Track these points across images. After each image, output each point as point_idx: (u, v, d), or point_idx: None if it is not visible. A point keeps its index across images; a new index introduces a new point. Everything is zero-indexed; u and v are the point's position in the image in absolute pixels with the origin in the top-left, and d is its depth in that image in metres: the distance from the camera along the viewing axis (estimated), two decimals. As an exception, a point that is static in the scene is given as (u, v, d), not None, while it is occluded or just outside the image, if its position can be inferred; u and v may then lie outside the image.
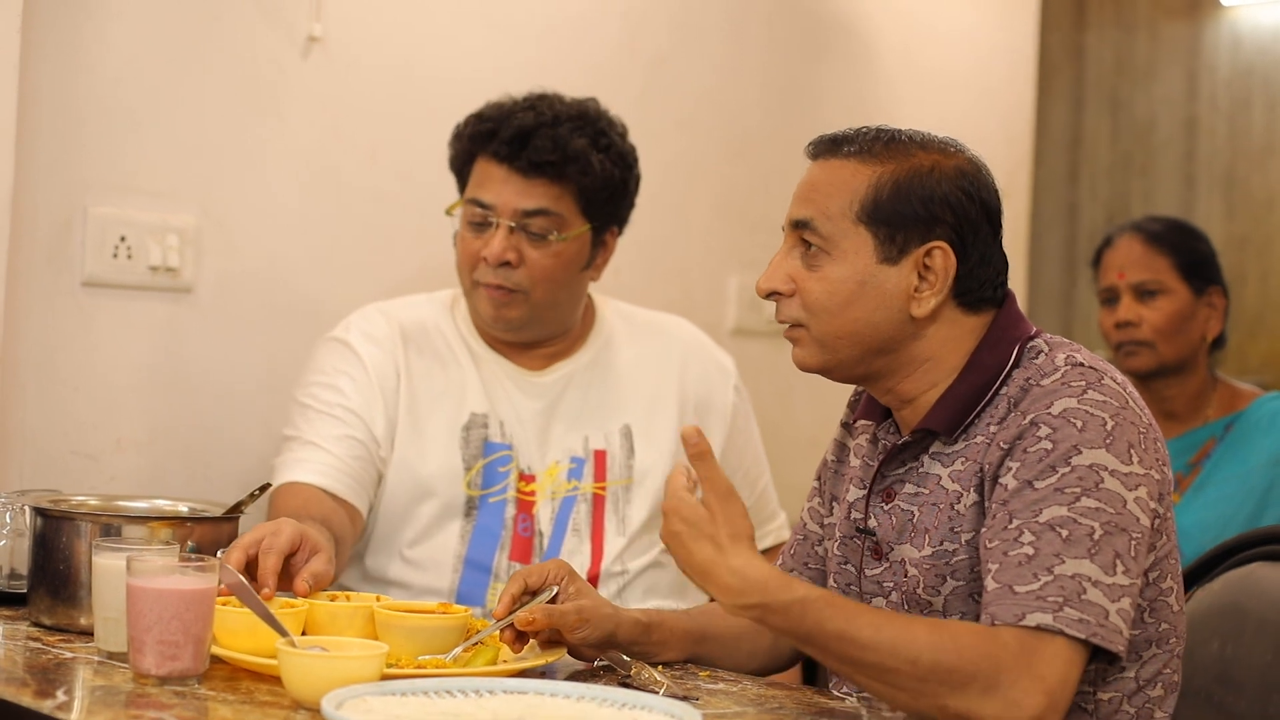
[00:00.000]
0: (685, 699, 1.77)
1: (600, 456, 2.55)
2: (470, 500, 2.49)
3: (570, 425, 2.55)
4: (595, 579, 2.48)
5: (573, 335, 2.60)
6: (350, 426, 2.45)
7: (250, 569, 1.92)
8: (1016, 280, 3.95)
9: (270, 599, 1.88)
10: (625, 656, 1.94)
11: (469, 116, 2.54)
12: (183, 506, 2.19)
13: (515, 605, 1.92)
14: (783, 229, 1.87)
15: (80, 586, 1.98)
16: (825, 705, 1.82)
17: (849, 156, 1.83)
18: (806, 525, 2.05)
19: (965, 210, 1.81)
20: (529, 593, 1.94)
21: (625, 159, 2.54)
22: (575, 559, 2.47)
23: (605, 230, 2.55)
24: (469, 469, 2.49)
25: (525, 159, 2.45)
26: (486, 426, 2.51)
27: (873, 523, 1.87)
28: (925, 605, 1.81)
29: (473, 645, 1.88)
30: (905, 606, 1.83)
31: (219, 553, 1.96)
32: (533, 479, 2.51)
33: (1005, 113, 4.03)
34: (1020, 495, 1.70)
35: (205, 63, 2.74)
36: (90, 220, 2.64)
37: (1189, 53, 4.56)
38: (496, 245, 2.45)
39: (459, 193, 2.55)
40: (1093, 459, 1.68)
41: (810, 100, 3.62)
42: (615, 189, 2.52)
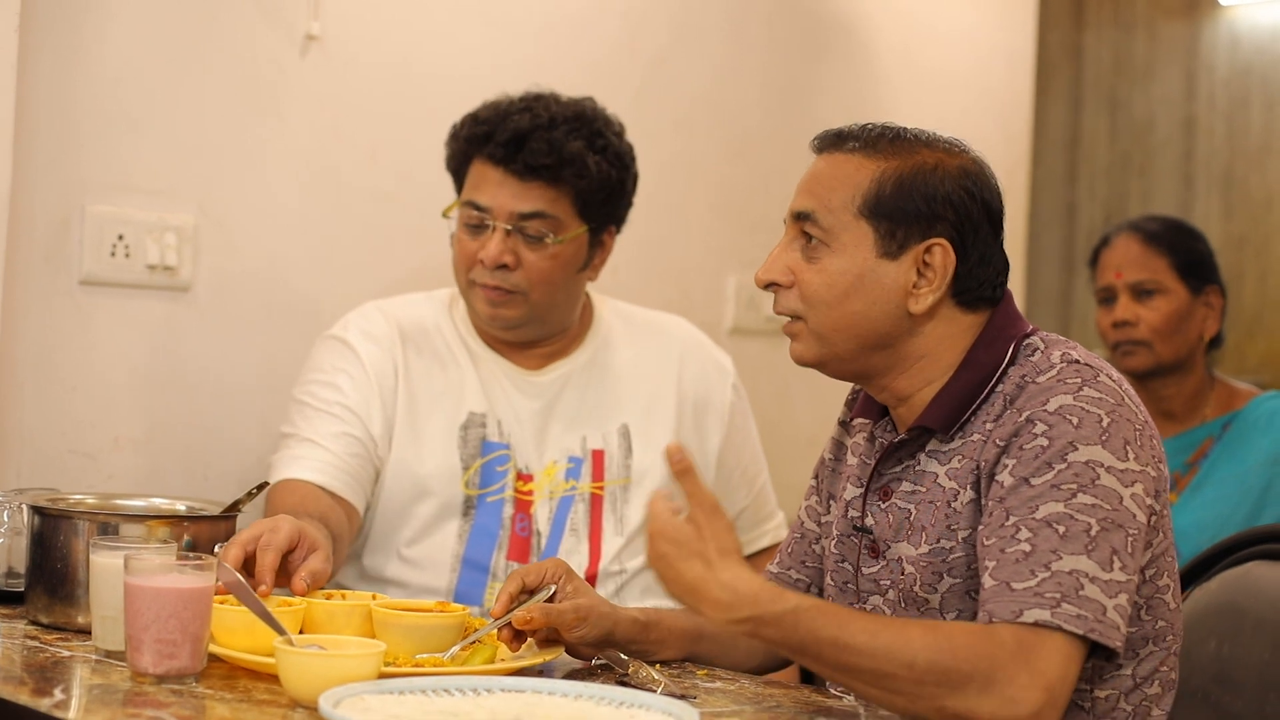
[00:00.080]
0: (683, 697, 1.77)
1: (598, 456, 2.54)
2: (468, 500, 2.48)
3: (568, 425, 2.55)
4: (593, 578, 2.48)
5: (570, 335, 2.60)
6: (348, 424, 2.44)
7: (248, 566, 1.92)
8: (1014, 279, 3.94)
9: (267, 596, 1.88)
10: (623, 655, 1.94)
11: (465, 117, 2.54)
12: (180, 505, 2.19)
13: (513, 604, 1.92)
14: (784, 221, 1.87)
15: (78, 585, 1.99)
16: (823, 704, 1.82)
17: (853, 151, 1.83)
18: (804, 524, 2.05)
19: (967, 209, 1.82)
20: (527, 591, 1.94)
21: (622, 159, 2.53)
22: (573, 558, 2.46)
23: (603, 231, 2.54)
24: (467, 468, 2.49)
25: (521, 162, 2.44)
26: (485, 426, 2.51)
27: (870, 521, 1.87)
28: (922, 603, 1.80)
29: (470, 644, 1.88)
30: (902, 604, 1.83)
31: (216, 548, 1.97)
32: (530, 478, 2.51)
33: (1003, 112, 4.03)
34: (1017, 492, 1.70)
35: (203, 61, 2.74)
36: (88, 219, 2.63)
37: (1187, 52, 4.55)
38: (493, 248, 2.44)
39: (456, 193, 2.55)
40: (1089, 455, 1.69)
41: (809, 100, 3.62)
42: (612, 190, 2.51)
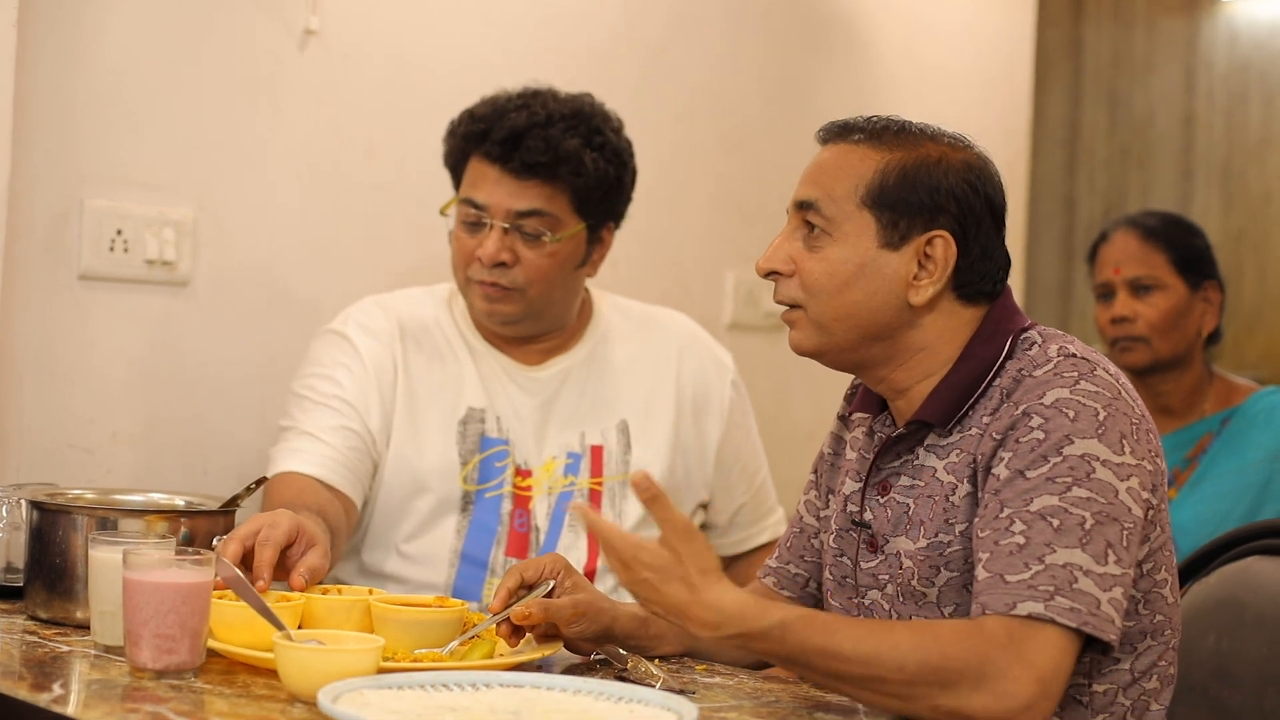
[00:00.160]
0: (682, 692, 1.77)
1: (597, 452, 2.54)
2: (466, 495, 2.48)
3: (567, 421, 2.55)
4: (592, 574, 2.48)
5: (569, 330, 2.59)
6: (346, 418, 2.44)
7: (247, 560, 1.92)
8: (1014, 273, 3.95)
9: (265, 591, 1.88)
10: (622, 650, 1.94)
11: (462, 114, 2.53)
12: (179, 500, 2.19)
13: (511, 599, 1.92)
14: (786, 211, 1.87)
15: (77, 580, 1.98)
16: (821, 699, 1.82)
17: (858, 142, 1.84)
18: (803, 519, 2.05)
19: (969, 203, 1.82)
20: (525, 587, 1.94)
21: (620, 156, 2.52)
22: (572, 554, 2.46)
23: (601, 228, 2.54)
24: (465, 464, 2.49)
25: (518, 160, 2.43)
26: (484, 421, 2.51)
27: (868, 516, 1.87)
28: (919, 597, 1.81)
29: (469, 639, 1.88)
30: (900, 599, 1.83)
31: (215, 540, 1.97)
32: (529, 474, 2.51)
33: (1003, 106, 4.03)
34: (1012, 485, 1.70)
35: (202, 56, 2.74)
36: (87, 213, 2.63)
37: (1186, 47, 4.56)
38: (490, 246, 2.44)
39: (454, 189, 2.54)
40: (1085, 449, 1.69)
41: (808, 93, 3.62)
42: (610, 187, 2.51)
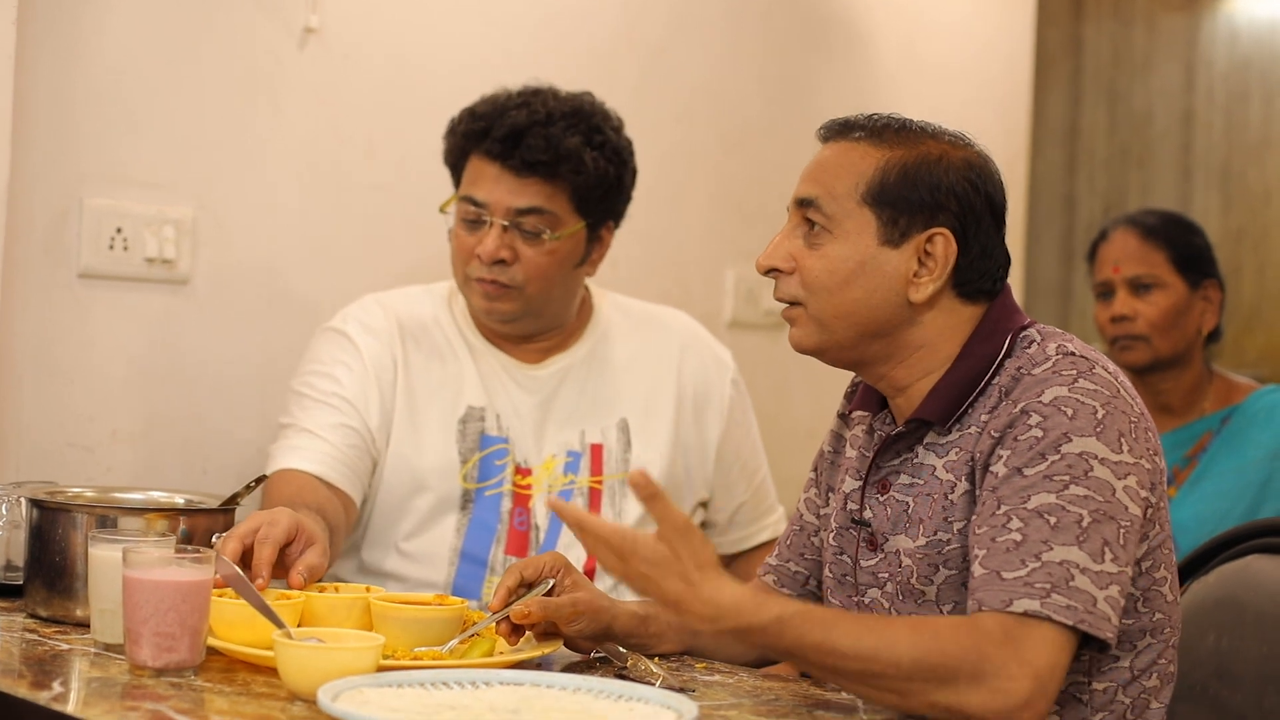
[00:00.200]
0: (682, 691, 1.77)
1: (597, 450, 2.54)
2: (466, 493, 2.48)
3: (567, 419, 2.55)
4: (591, 573, 2.47)
5: (569, 329, 2.59)
6: (346, 415, 2.44)
7: (246, 558, 1.92)
8: (1014, 271, 3.95)
9: (265, 589, 1.88)
10: (622, 648, 1.94)
11: (462, 112, 2.53)
12: (179, 498, 2.20)
13: (511, 598, 1.92)
14: (787, 209, 1.88)
15: (76, 578, 1.98)
16: (821, 697, 1.82)
17: (859, 140, 1.84)
18: (803, 516, 2.05)
19: (970, 201, 1.82)
20: (525, 585, 1.94)
21: (620, 154, 2.52)
22: (572, 553, 2.45)
23: (601, 226, 2.54)
24: (465, 462, 2.49)
25: (518, 158, 2.44)
26: (483, 420, 2.51)
27: (868, 514, 1.87)
28: (919, 595, 1.81)
29: (469, 637, 1.88)
30: (899, 597, 1.83)
31: (215, 538, 1.97)
32: (529, 473, 2.51)
33: (1003, 104, 4.03)
34: (1009, 482, 1.70)
35: (202, 54, 2.74)
36: (86, 212, 2.63)
37: (1186, 46, 4.56)
38: (490, 244, 2.44)
39: (454, 187, 2.54)
40: (1083, 447, 1.69)
41: (808, 92, 3.62)
42: (610, 186, 2.51)
